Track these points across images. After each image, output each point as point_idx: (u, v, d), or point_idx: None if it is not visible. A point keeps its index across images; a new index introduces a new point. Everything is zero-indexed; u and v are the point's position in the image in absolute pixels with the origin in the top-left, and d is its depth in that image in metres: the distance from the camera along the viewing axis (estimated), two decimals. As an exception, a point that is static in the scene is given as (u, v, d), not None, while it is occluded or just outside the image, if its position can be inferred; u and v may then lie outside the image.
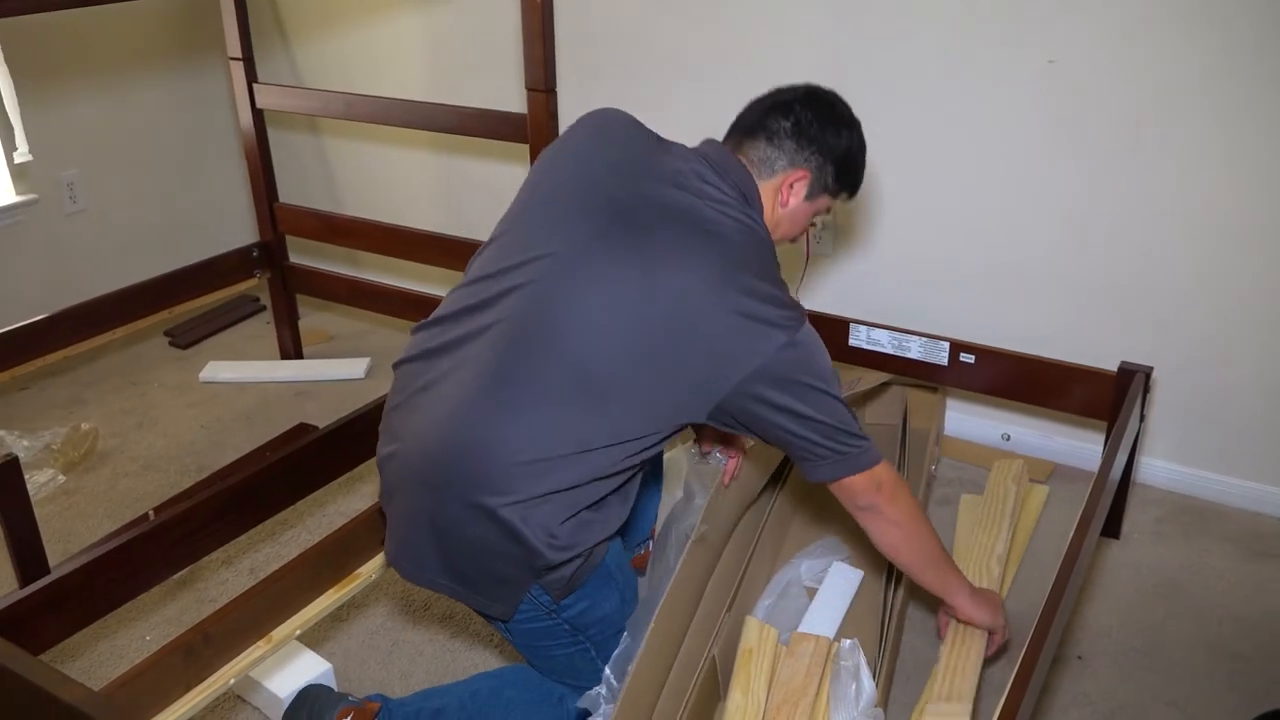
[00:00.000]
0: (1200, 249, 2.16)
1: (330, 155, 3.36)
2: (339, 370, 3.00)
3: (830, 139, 1.54)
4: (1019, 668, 1.33)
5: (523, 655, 1.62)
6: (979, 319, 2.38)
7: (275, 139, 2.91)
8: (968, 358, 2.22)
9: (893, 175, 2.36)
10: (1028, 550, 2.15)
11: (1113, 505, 2.14)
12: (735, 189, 1.49)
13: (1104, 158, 2.18)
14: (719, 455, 1.89)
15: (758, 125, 1.55)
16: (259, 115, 2.79)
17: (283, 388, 2.92)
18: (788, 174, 1.54)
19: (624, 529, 1.54)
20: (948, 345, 2.23)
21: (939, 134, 2.33)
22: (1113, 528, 2.20)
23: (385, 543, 1.55)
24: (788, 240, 1.62)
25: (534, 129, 2.29)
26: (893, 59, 2.32)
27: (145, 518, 2.28)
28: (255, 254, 2.88)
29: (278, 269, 2.95)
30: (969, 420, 2.55)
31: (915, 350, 2.27)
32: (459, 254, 2.61)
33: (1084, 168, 2.21)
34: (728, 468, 1.86)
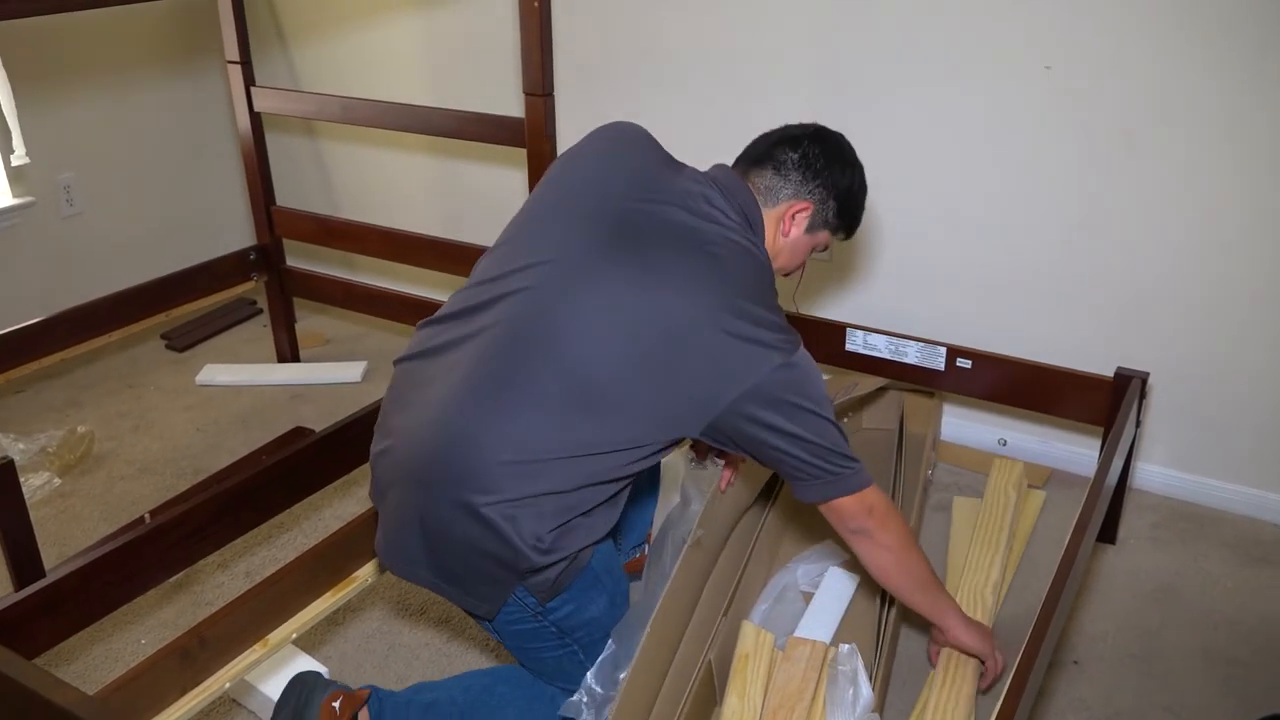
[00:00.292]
0: (1197, 254, 2.16)
1: (327, 159, 3.36)
2: (335, 374, 3.00)
3: (835, 175, 1.58)
4: (1015, 673, 1.33)
5: (514, 656, 1.63)
6: (976, 324, 2.38)
7: (273, 142, 2.91)
8: (964, 363, 2.22)
9: (890, 181, 2.36)
10: (1024, 555, 2.15)
11: (1109, 511, 2.14)
12: (740, 213, 1.52)
13: (1100, 163, 2.18)
14: (715, 460, 1.90)
15: (765, 156, 1.59)
16: (257, 118, 2.79)
17: (279, 391, 2.92)
18: (791, 204, 1.57)
19: (617, 533, 1.55)
20: (944, 350, 2.23)
21: (936, 140, 2.33)
22: (1109, 533, 2.21)
23: (376, 538, 1.56)
24: (784, 274, 1.66)
25: (531, 133, 2.29)
26: (890, 64, 2.32)
27: (141, 521, 2.27)
28: (252, 257, 2.88)
29: (275, 272, 2.95)
30: (966, 425, 2.55)
31: (912, 355, 2.27)
32: (456, 258, 2.61)
33: (1080, 173, 2.21)
34: (724, 473, 1.86)
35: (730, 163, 1.63)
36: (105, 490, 2.46)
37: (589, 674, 1.52)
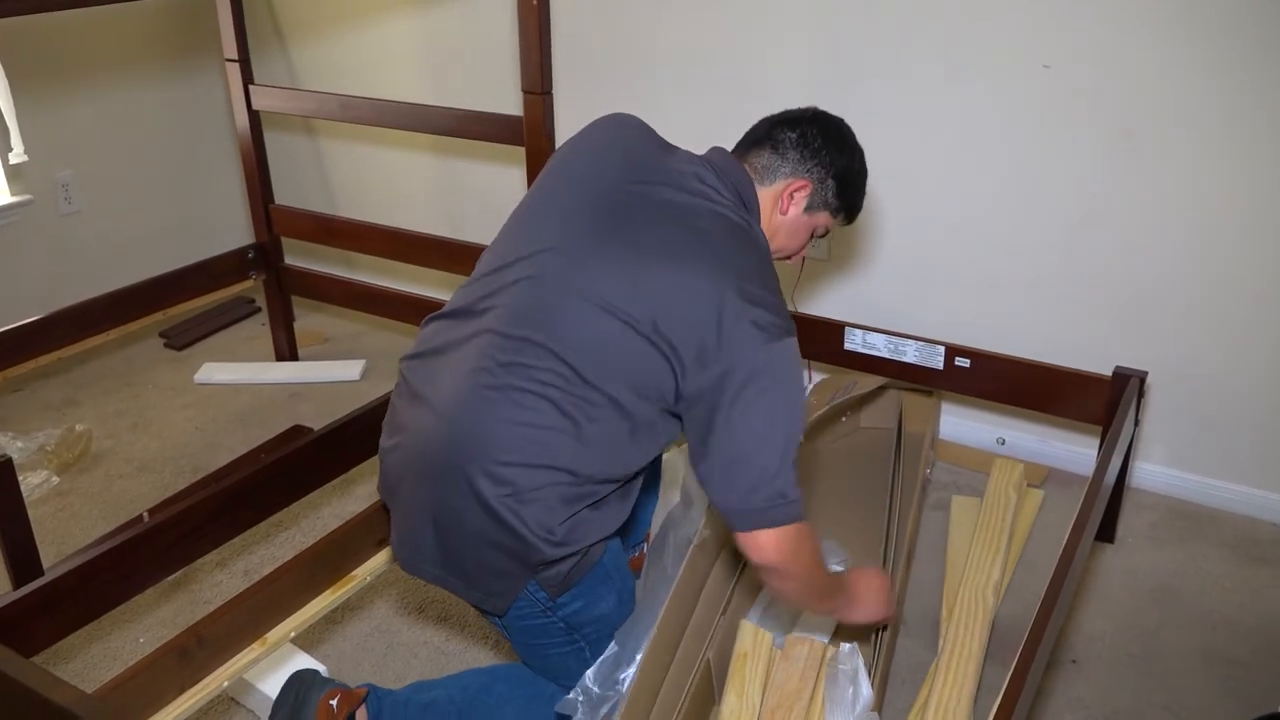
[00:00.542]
0: (1196, 253, 2.16)
1: (326, 157, 3.36)
2: (334, 372, 2.99)
3: (833, 155, 1.58)
4: (1013, 672, 1.33)
5: (519, 654, 1.63)
6: (974, 323, 2.38)
7: (271, 141, 2.90)
8: (963, 362, 2.22)
9: (889, 180, 2.36)
10: (1022, 555, 2.15)
11: (1107, 510, 2.14)
12: (733, 192, 1.52)
13: (1099, 162, 2.18)
14: None
15: (764, 136, 1.59)
16: (255, 117, 2.79)
17: (278, 389, 2.92)
18: (790, 182, 1.57)
19: (622, 530, 1.55)
20: (943, 349, 2.23)
21: (935, 138, 2.33)
22: (1107, 532, 2.21)
23: (391, 535, 1.57)
24: (784, 255, 1.65)
25: (530, 132, 2.29)
26: (889, 63, 2.32)
27: (139, 519, 2.27)
28: (251, 255, 2.88)
29: (273, 271, 2.94)
30: (964, 424, 2.55)
31: (911, 354, 2.27)
32: (455, 256, 2.61)
33: (1079, 172, 2.21)
34: None
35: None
36: (103, 489, 2.46)
37: (588, 673, 1.52)
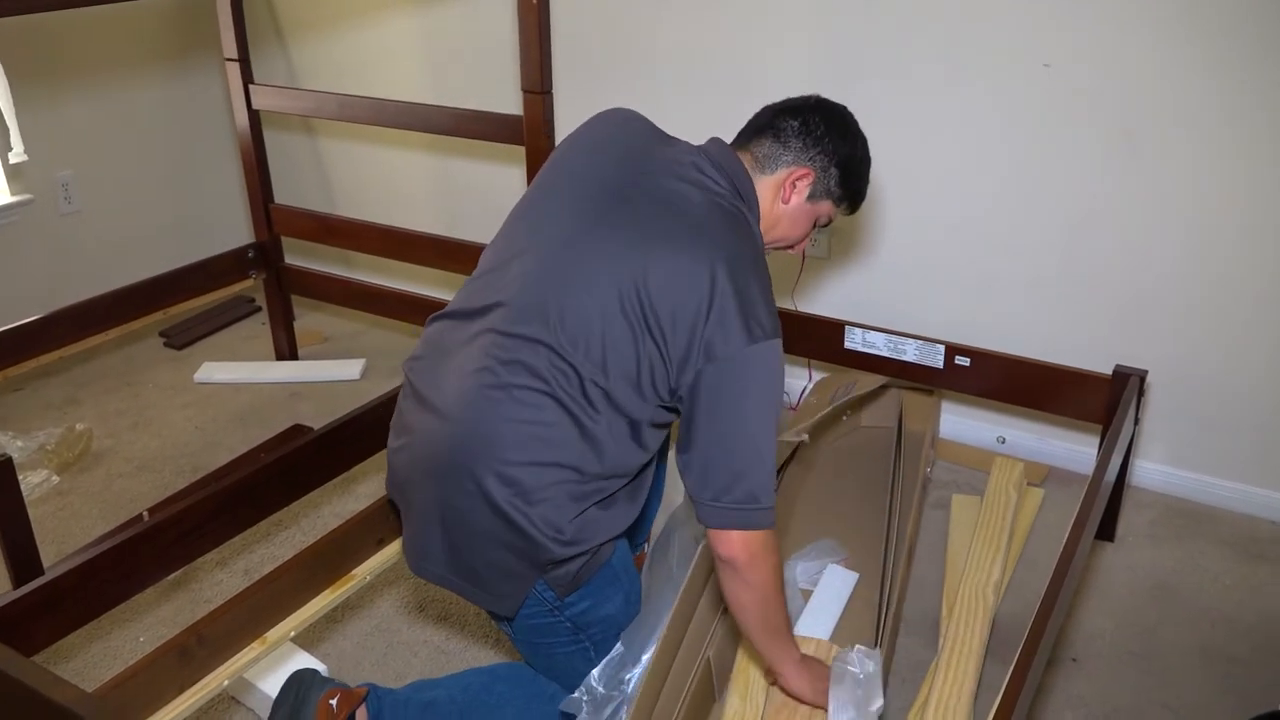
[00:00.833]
0: (1197, 253, 2.16)
1: (326, 157, 3.36)
2: (334, 371, 2.99)
3: (836, 143, 1.56)
4: (1014, 670, 1.33)
5: (522, 654, 1.63)
6: (974, 322, 2.38)
7: (271, 140, 2.90)
8: (963, 360, 2.22)
9: (889, 178, 2.36)
10: (1022, 553, 2.15)
11: (1107, 508, 2.14)
12: (730, 182, 1.51)
13: (1099, 162, 2.18)
14: None
15: (766, 125, 1.58)
16: (255, 116, 2.79)
17: (277, 389, 2.92)
18: (792, 170, 1.55)
19: (630, 530, 1.55)
20: (943, 348, 2.23)
21: (935, 138, 2.33)
22: (1107, 531, 2.21)
23: (403, 539, 1.58)
24: (785, 245, 1.63)
25: (530, 131, 2.29)
26: (889, 63, 2.32)
27: (139, 518, 2.27)
28: (251, 255, 2.88)
29: (273, 270, 2.94)
30: (964, 423, 2.55)
31: (911, 353, 2.27)
32: (454, 255, 2.61)
33: (1079, 172, 2.21)
34: None
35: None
36: (104, 488, 2.46)
37: (594, 673, 1.52)
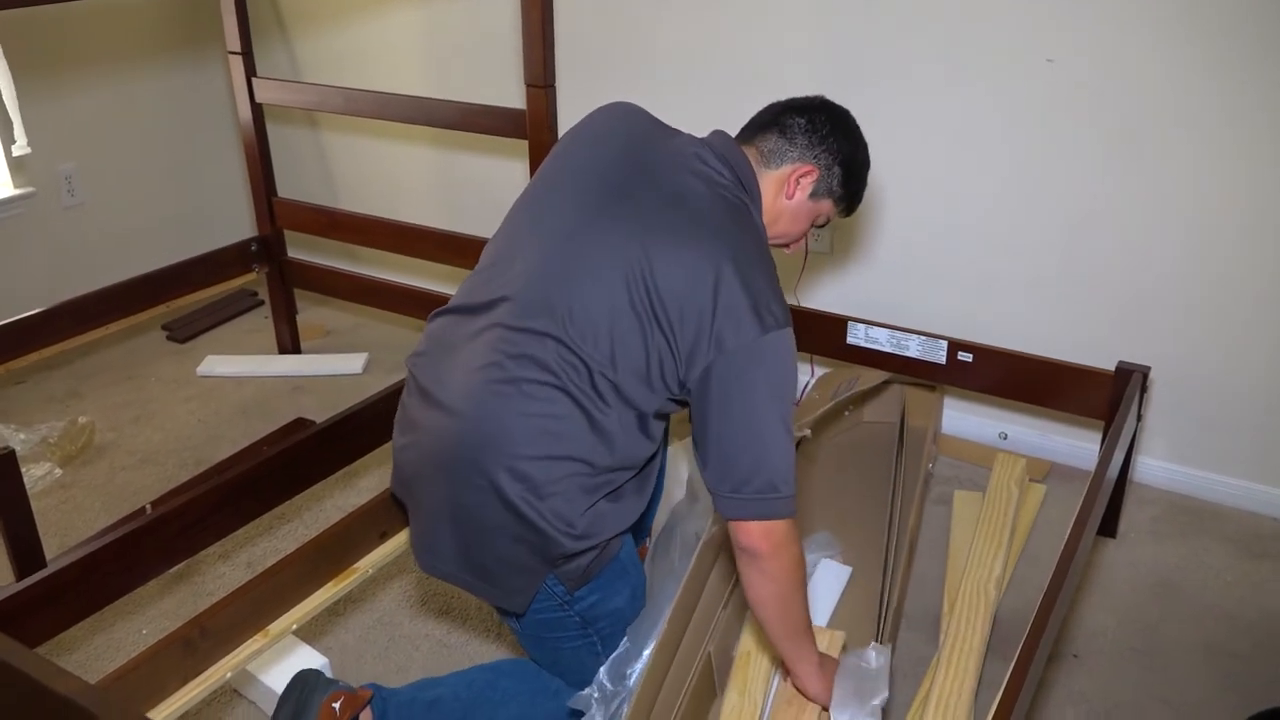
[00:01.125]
0: (1199, 250, 2.16)
1: (329, 150, 3.35)
2: (337, 365, 3.00)
3: (841, 143, 1.58)
4: (1015, 665, 1.33)
5: (528, 649, 1.63)
6: (977, 318, 2.38)
7: (274, 133, 2.90)
8: (965, 356, 2.22)
9: (891, 177, 2.36)
10: (1024, 549, 2.16)
11: (1109, 504, 2.14)
12: (733, 173, 1.51)
13: (1103, 157, 2.18)
14: None
15: (771, 121, 1.59)
16: (258, 110, 2.79)
17: (280, 382, 2.92)
18: (796, 167, 1.56)
19: (634, 523, 1.55)
20: (946, 344, 2.23)
21: (935, 138, 2.33)
22: (1109, 527, 2.21)
23: (411, 537, 1.58)
24: (785, 241, 1.64)
25: (533, 125, 2.28)
26: (891, 57, 2.31)
27: (142, 511, 2.27)
28: (253, 248, 2.88)
29: (276, 263, 2.94)
30: (967, 419, 2.55)
31: (913, 349, 2.27)
32: (457, 249, 2.61)
33: (1082, 166, 2.21)
34: None
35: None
36: (106, 481, 2.46)
37: (602, 669, 1.52)
